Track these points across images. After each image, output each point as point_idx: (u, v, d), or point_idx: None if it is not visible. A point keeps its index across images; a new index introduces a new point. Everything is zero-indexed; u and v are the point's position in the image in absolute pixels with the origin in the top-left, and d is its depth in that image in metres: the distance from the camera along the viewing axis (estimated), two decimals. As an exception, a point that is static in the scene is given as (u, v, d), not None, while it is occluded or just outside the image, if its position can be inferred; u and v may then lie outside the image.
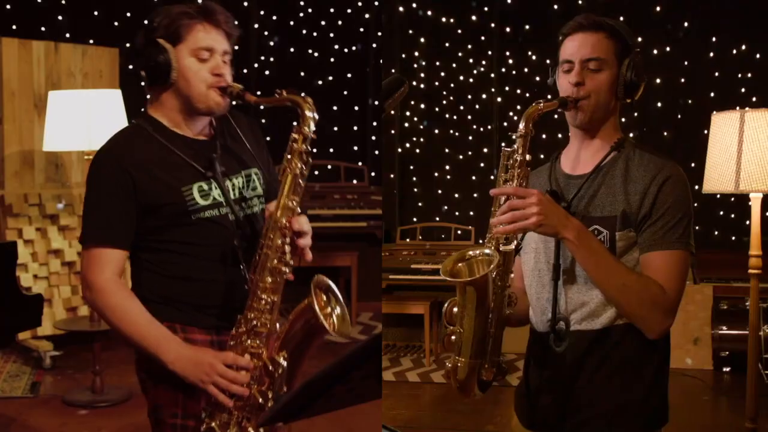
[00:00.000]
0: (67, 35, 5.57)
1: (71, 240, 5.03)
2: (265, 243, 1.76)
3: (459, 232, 5.91)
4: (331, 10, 6.38)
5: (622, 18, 5.27)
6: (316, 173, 6.25)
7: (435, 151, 6.36)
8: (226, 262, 1.84)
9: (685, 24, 5.78)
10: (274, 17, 6.40)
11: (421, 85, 6.32)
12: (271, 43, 6.39)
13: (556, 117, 1.94)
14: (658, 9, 5.76)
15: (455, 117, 6.30)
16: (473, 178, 6.23)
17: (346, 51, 6.46)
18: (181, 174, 1.82)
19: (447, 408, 4.53)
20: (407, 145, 6.41)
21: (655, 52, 5.72)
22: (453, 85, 6.28)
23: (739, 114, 2.96)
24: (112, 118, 4.19)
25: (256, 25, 6.30)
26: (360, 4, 6.44)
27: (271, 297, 1.76)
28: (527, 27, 6.10)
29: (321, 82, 6.38)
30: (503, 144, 1.75)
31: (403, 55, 6.31)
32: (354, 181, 6.10)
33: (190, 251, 1.83)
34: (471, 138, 6.28)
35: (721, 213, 5.76)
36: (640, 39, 5.33)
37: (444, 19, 6.26)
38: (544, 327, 1.79)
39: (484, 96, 6.23)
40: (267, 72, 6.31)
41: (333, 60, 6.44)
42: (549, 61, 1.84)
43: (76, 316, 5.02)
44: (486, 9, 6.17)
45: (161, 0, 1.90)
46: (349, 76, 6.47)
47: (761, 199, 3.02)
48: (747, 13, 5.53)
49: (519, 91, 6.13)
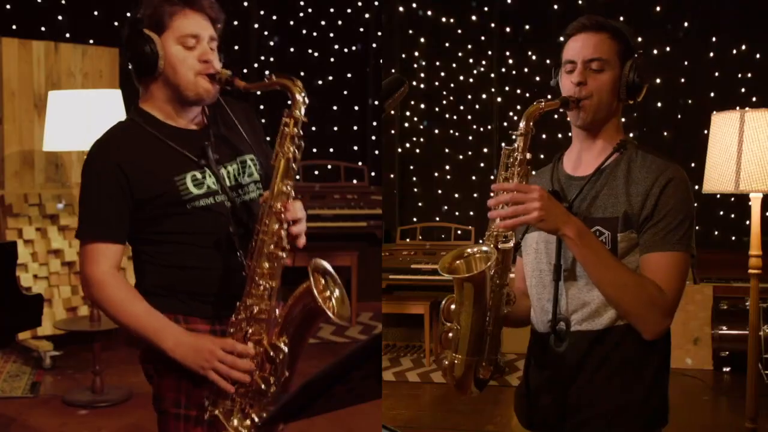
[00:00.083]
0: (67, 35, 5.57)
1: (71, 240, 5.03)
2: (261, 229, 1.75)
3: (459, 232, 5.91)
4: (331, 10, 6.38)
5: (622, 18, 5.28)
6: (316, 173, 6.26)
7: (435, 151, 6.36)
8: (221, 250, 1.84)
9: (685, 24, 5.78)
10: (274, 17, 6.40)
11: (421, 85, 6.32)
12: (271, 43, 6.39)
13: (555, 117, 1.94)
14: (658, 9, 5.76)
15: (455, 117, 6.30)
16: (473, 178, 6.24)
17: (346, 51, 6.47)
18: (174, 164, 1.82)
19: (447, 408, 4.53)
20: (407, 145, 6.41)
21: (655, 52, 5.72)
22: (453, 85, 6.28)
23: (739, 114, 2.96)
24: (112, 118, 4.10)
25: (256, 25, 6.30)
26: (360, 4, 6.44)
27: (269, 283, 1.75)
28: (527, 27, 6.11)
29: (321, 82, 6.38)
30: (503, 144, 1.74)
31: (403, 55, 6.32)
32: (354, 181, 6.10)
33: (187, 240, 1.83)
34: (471, 138, 6.28)
35: (721, 213, 5.76)
36: (640, 39, 5.33)
37: (444, 19, 6.26)
38: (544, 327, 1.79)
39: (484, 96, 6.23)
40: (267, 72, 6.29)
41: (333, 60, 6.44)
42: (549, 61, 1.84)
43: (76, 316, 5.02)
44: (486, 9, 6.18)
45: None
46: (349, 76, 6.47)
47: (761, 199, 3.02)
48: (747, 13, 5.54)
49: (519, 91, 6.13)
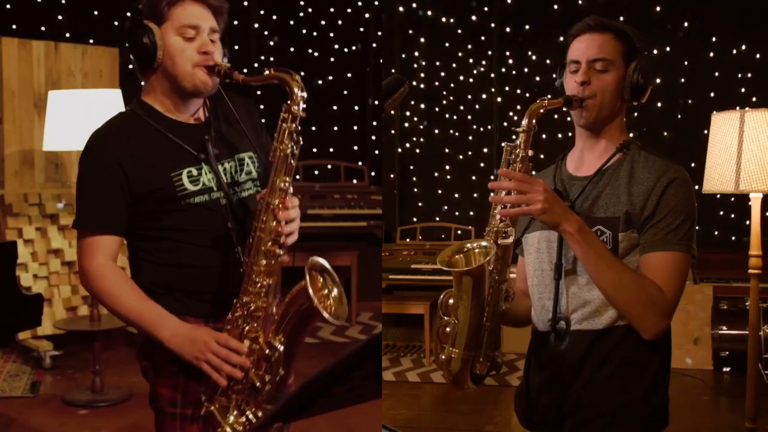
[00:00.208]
0: (67, 35, 5.57)
1: (71, 240, 5.03)
2: (258, 226, 1.73)
3: (459, 232, 5.91)
4: (331, 10, 6.38)
5: (622, 18, 5.28)
6: (316, 173, 6.26)
7: (435, 151, 6.36)
8: (218, 247, 1.82)
9: (685, 24, 5.78)
10: (274, 17, 6.40)
11: (421, 85, 6.32)
12: (271, 43, 6.39)
13: (556, 117, 1.94)
14: (658, 9, 5.76)
15: (455, 117, 6.30)
16: (473, 178, 6.24)
17: (346, 51, 6.47)
18: (172, 159, 1.80)
19: (447, 408, 4.53)
20: (407, 145, 6.41)
21: (655, 52, 5.72)
22: (453, 85, 6.28)
23: (739, 114, 2.96)
24: (112, 117, 4.19)
25: (256, 25, 6.30)
26: (360, 4, 6.44)
27: (266, 280, 1.73)
28: (527, 27, 6.10)
29: (321, 82, 6.38)
30: (504, 143, 1.74)
31: (403, 55, 6.32)
32: (354, 181, 6.10)
33: (182, 238, 1.81)
34: (471, 138, 6.28)
35: (721, 213, 5.76)
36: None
37: (444, 19, 6.26)
38: (545, 326, 1.79)
39: (484, 96, 6.23)
40: (267, 72, 6.29)
41: (333, 60, 6.44)
42: (549, 61, 1.85)
43: (76, 315, 5.02)
44: (486, 9, 6.18)
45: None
46: (349, 76, 6.47)
47: (761, 199, 3.02)
48: (747, 13, 5.54)
49: (519, 91, 6.13)
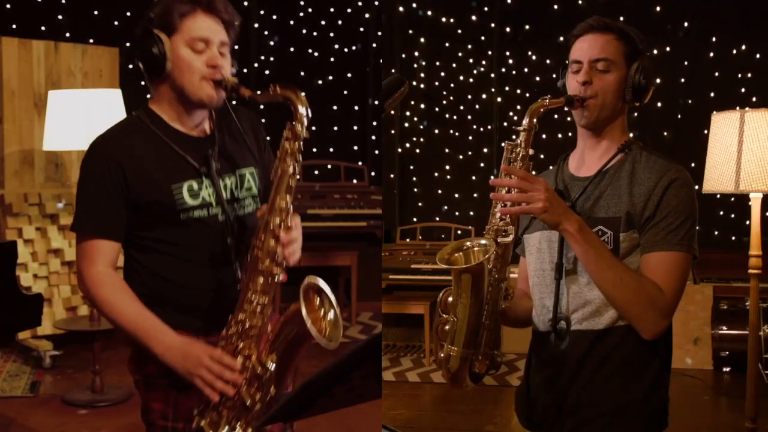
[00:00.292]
0: (67, 35, 5.57)
1: (71, 239, 5.02)
2: (256, 244, 1.71)
3: (459, 232, 5.91)
4: (331, 9, 6.38)
5: (622, 18, 5.28)
6: (316, 173, 6.26)
7: (435, 151, 6.36)
8: (214, 264, 1.81)
9: (685, 24, 5.78)
10: (274, 17, 6.40)
11: (421, 85, 6.32)
12: (271, 43, 6.39)
13: (556, 117, 1.94)
14: (658, 9, 5.76)
15: (455, 117, 6.30)
16: (473, 178, 6.24)
17: (346, 51, 6.46)
18: (173, 171, 1.78)
19: (447, 408, 4.52)
20: (407, 145, 6.41)
21: (655, 52, 5.72)
22: (453, 85, 6.28)
23: (739, 114, 2.96)
24: (112, 117, 4.10)
25: (256, 25, 6.30)
26: (360, 4, 6.44)
27: (262, 298, 1.71)
28: (527, 27, 6.10)
29: (321, 81, 6.38)
30: (505, 142, 1.74)
31: (403, 55, 6.31)
32: (354, 181, 6.10)
33: (177, 253, 1.79)
34: (471, 138, 6.28)
35: (721, 213, 5.76)
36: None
37: (444, 19, 6.26)
38: (545, 326, 1.79)
39: (484, 96, 6.23)
40: (267, 72, 6.31)
41: (333, 60, 6.43)
42: (549, 61, 1.85)
43: (76, 315, 5.02)
44: (486, 9, 6.17)
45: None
46: (349, 75, 6.47)
47: (761, 199, 3.02)
48: (747, 13, 5.54)
49: (519, 91, 6.13)
